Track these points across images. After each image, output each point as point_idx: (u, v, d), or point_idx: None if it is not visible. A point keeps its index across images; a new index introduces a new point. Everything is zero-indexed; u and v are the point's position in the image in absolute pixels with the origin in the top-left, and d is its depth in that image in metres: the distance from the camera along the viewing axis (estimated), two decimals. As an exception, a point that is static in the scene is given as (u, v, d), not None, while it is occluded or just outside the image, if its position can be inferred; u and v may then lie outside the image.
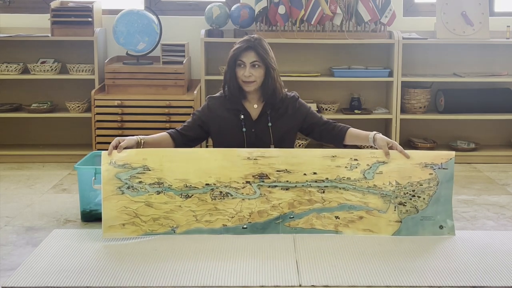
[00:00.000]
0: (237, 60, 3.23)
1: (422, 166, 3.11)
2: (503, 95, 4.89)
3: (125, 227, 3.03)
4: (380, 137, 3.19)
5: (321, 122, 3.38)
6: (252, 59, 3.22)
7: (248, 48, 3.22)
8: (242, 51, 3.22)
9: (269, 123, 3.30)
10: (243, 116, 3.30)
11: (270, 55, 3.26)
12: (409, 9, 5.09)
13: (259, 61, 3.22)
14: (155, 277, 2.58)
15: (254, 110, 3.32)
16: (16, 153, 4.75)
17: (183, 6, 5.11)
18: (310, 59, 4.99)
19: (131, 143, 3.14)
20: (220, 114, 3.31)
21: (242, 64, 3.23)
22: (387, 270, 2.65)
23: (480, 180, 4.30)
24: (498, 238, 3.08)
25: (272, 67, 3.24)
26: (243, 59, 3.22)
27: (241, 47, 3.24)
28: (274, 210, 3.10)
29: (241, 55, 3.22)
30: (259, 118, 3.31)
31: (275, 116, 3.31)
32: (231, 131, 3.29)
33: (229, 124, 3.30)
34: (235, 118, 3.30)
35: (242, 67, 3.23)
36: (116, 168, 3.07)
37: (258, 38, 3.27)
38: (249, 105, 3.33)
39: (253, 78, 3.22)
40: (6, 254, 2.88)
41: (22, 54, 4.92)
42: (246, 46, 3.23)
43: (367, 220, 3.09)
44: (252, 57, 3.22)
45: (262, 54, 3.21)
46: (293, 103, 3.36)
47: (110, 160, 3.07)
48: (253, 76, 3.22)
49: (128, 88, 4.66)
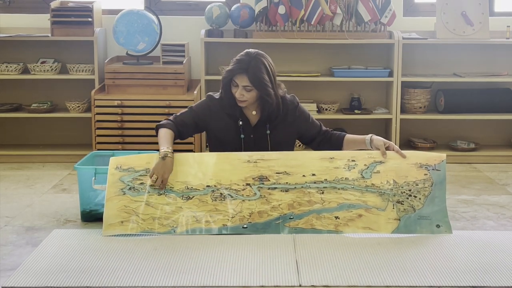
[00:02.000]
0: (231, 79, 3.19)
1: (417, 166, 3.17)
2: (503, 95, 4.89)
3: (124, 224, 3.06)
4: (377, 138, 3.23)
5: (321, 132, 3.38)
6: (244, 83, 3.15)
7: (242, 72, 3.14)
8: (235, 73, 3.16)
9: (268, 131, 3.29)
10: (242, 122, 3.28)
11: (265, 80, 3.14)
12: (409, 9, 5.09)
13: (251, 85, 3.15)
14: (155, 277, 2.58)
15: (253, 117, 3.30)
16: (16, 153, 4.75)
17: (183, 6, 5.11)
18: (310, 59, 4.99)
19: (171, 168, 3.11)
20: (219, 117, 3.29)
21: (235, 84, 3.18)
22: (387, 270, 2.65)
23: (480, 180, 4.30)
24: (498, 238, 3.08)
25: (266, 93, 3.15)
26: (236, 80, 3.17)
27: (234, 69, 3.16)
28: (274, 211, 3.11)
29: (235, 76, 3.17)
30: (257, 125, 3.29)
31: (274, 123, 3.29)
32: (229, 137, 3.28)
33: (227, 129, 3.28)
34: (234, 124, 3.28)
35: (235, 86, 3.18)
36: (121, 172, 3.14)
37: (255, 58, 3.16)
38: (248, 112, 3.30)
39: (245, 98, 3.18)
40: (6, 254, 2.89)
41: (22, 54, 4.92)
42: (239, 69, 3.15)
43: (366, 218, 3.10)
44: (244, 81, 3.14)
45: (254, 80, 3.13)
46: (292, 110, 3.32)
47: (117, 165, 3.15)
48: (244, 97, 3.18)
49: (128, 88, 4.66)
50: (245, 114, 3.30)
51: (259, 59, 3.17)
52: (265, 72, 3.16)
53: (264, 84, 3.15)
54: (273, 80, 3.21)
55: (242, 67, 3.14)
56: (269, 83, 3.16)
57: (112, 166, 3.16)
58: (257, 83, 3.14)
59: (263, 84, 3.14)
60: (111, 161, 3.18)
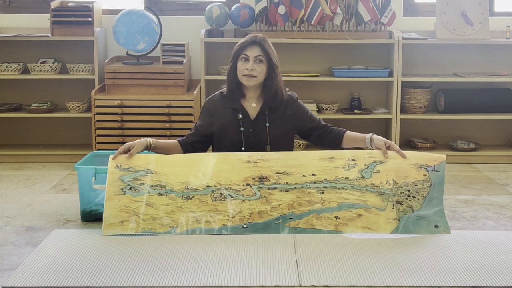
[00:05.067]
0: (241, 53, 3.27)
1: (417, 166, 3.17)
2: (503, 95, 4.89)
3: (124, 224, 3.06)
4: (377, 138, 3.24)
5: (319, 126, 3.41)
6: (256, 53, 3.26)
7: (254, 43, 3.28)
8: (247, 45, 3.28)
9: (267, 123, 3.31)
10: (241, 115, 3.31)
11: (274, 53, 3.31)
12: (409, 9, 5.09)
13: (263, 56, 3.25)
14: (155, 277, 2.58)
15: (252, 110, 3.33)
16: (16, 153, 4.75)
17: (183, 6, 5.11)
18: (310, 59, 4.99)
19: (141, 148, 3.20)
20: (220, 113, 3.33)
21: (245, 58, 3.26)
22: (387, 270, 2.65)
23: (480, 180, 4.30)
24: (498, 238, 3.08)
25: (276, 65, 3.29)
26: (247, 52, 3.27)
27: (246, 41, 3.30)
28: (274, 211, 3.11)
29: (246, 49, 3.27)
30: (257, 117, 3.33)
31: (273, 116, 3.33)
32: (230, 130, 3.31)
33: (227, 123, 3.32)
34: (234, 117, 3.31)
35: (245, 61, 3.26)
36: (121, 171, 3.14)
37: (263, 37, 3.33)
38: (247, 104, 3.34)
39: (255, 73, 3.25)
40: (6, 254, 2.89)
41: (22, 54, 4.92)
42: (252, 41, 3.28)
43: (366, 218, 3.10)
44: (256, 51, 3.26)
45: (267, 50, 3.26)
46: (292, 104, 3.37)
47: (116, 164, 3.15)
48: (255, 71, 3.25)
49: (128, 88, 4.66)
50: (244, 107, 3.33)
51: (266, 38, 3.35)
52: (273, 50, 3.33)
53: (273, 56, 3.28)
54: (277, 61, 3.33)
55: (254, 39, 3.29)
56: (276, 57, 3.31)
57: (111, 164, 3.16)
58: (268, 54, 3.26)
59: (273, 54, 3.29)
60: (110, 160, 3.18)
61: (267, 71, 3.28)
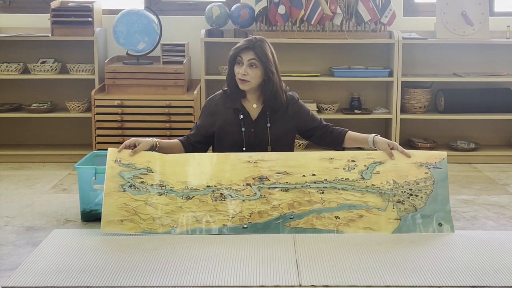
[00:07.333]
0: (237, 57, 3.26)
1: (417, 165, 3.17)
2: (503, 95, 4.89)
3: (123, 223, 3.05)
4: (381, 139, 3.24)
5: (321, 125, 3.41)
6: (249, 57, 3.23)
7: (248, 48, 3.25)
8: (242, 50, 3.26)
9: (268, 124, 3.31)
10: (243, 116, 3.31)
11: (269, 58, 3.26)
12: (409, 9, 5.09)
13: (257, 60, 3.23)
14: (155, 277, 2.58)
15: (253, 110, 3.33)
16: (16, 153, 4.75)
17: (183, 6, 5.11)
18: (310, 59, 4.99)
19: (146, 147, 3.19)
20: (221, 113, 3.33)
21: (240, 62, 3.25)
22: (387, 270, 2.65)
23: (480, 180, 4.30)
24: (498, 238, 3.08)
25: (270, 70, 3.24)
26: (242, 55, 3.25)
27: (241, 45, 3.27)
28: (274, 211, 3.11)
29: (241, 53, 3.26)
30: (258, 118, 3.33)
31: (274, 117, 3.33)
32: (231, 130, 3.31)
33: (228, 123, 3.32)
34: (235, 117, 3.31)
35: (240, 65, 3.25)
36: (120, 167, 3.12)
37: (260, 40, 3.29)
38: (248, 105, 3.34)
39: (248, 78, 3.24)
40: (6, 254, 2.89)
41: (22, 54, 4.92)
42: (246, 46, 3.26)
43: (367, 219, 3.10)
44: (250, 55, 3.24)
45: (260, 55, 3.23)
46: (292, 105, 3.37)
47: (116, 158, 3.12)
48: (248, 76, 3.23)
49: (128, 88, 4.66)
50: (245, 107, 3.33)
51: (264, 41, 3.30)
52: (270, 52, 3.28)
53: (268, 59, 3.24)
54: (276, 62, 3.30)
55: (248, 44, 3.26)
56: (272, 62, 3.26)
57: (111, 158, 3.13)
58: (262, 58, 3.23)
59: (268, 59, 3.24)
60: (109, 153, 3.14)
61: (263, 74, 3.26)
